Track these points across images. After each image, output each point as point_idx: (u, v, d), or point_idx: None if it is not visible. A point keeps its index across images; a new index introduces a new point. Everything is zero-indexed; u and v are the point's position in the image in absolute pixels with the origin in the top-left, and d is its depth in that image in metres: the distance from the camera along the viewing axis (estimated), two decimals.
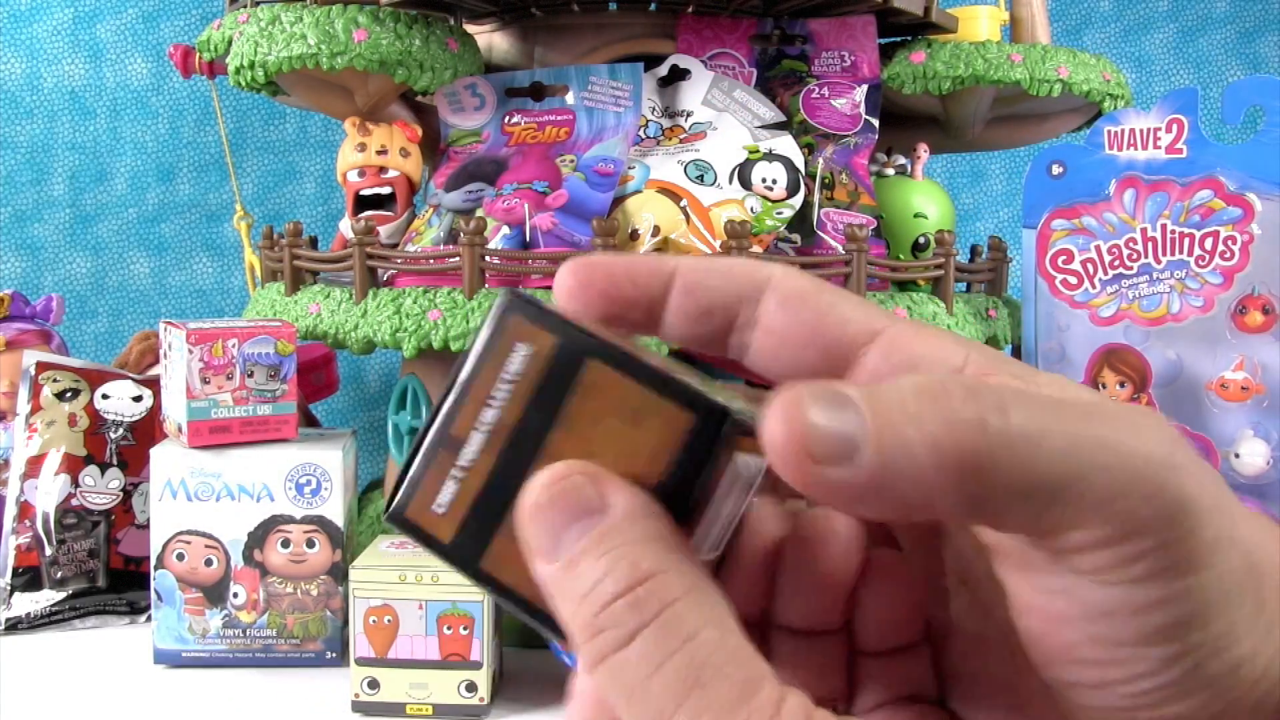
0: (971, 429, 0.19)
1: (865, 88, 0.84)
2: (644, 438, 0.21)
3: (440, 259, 0.74)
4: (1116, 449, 0.19)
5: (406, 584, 0.63)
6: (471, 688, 0.64)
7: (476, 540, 0.22)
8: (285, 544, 0.71)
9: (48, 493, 0.79)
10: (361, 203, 0.81)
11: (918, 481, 0.19)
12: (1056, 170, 0.81)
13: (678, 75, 0.84)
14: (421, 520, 0.22)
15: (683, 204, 0.75)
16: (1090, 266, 0.81)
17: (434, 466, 0.22)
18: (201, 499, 0.71)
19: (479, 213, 0.76)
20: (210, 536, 0.71)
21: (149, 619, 0.73)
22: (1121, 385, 0.80)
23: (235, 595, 0.71)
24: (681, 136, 0.81)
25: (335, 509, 0.71)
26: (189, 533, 0.71)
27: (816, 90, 0.85)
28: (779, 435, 0.19)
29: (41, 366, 0.82)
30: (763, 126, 0.81)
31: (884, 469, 0.19)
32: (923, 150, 0.85)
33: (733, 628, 0.20)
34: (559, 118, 0.82)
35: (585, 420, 0.22)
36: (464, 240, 0.72)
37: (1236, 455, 0.78)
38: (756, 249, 0.74)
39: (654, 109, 0.83)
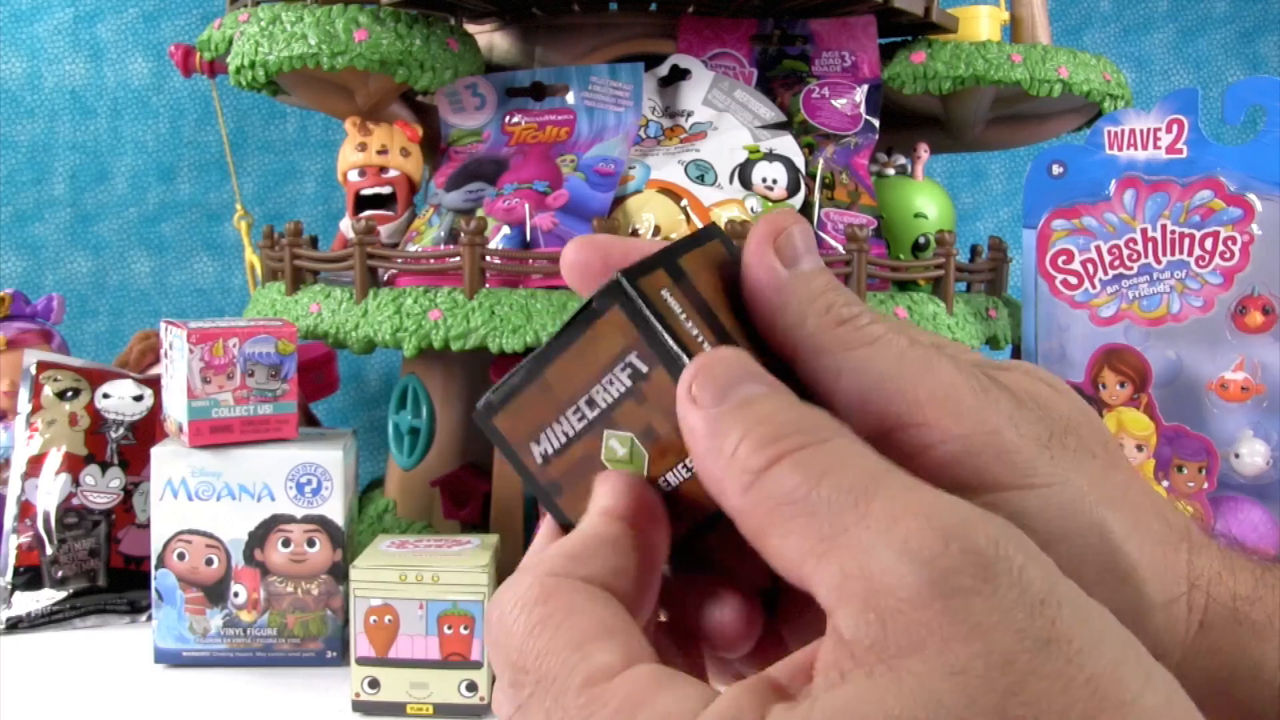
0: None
1: (866, 88, 0.85)
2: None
3: (441, 259, 0.74)
4: None
5: (407, 584, 0.63)
6: (472, 687, 0.64)
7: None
8: (286, 543, 0.71)
9: (48, 492, 0.79)
10: (362, 202, 0.81)
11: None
12: (1057, 170, 0.81)
13: (678, 75, 0.84)
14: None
15: (683, 204, 0.75)
16: (1090, 266, 0.81)
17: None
18: (202, 498, 0.71)
19: (479, 212, 0.76)
20: (211, 536, 0.71)
21: (149, 618, 0.73)
22: (1121, 385, 0.80)
23: (236, 595, 0.71)
24: (682, 136, 0.81)
25: (336, 508, 0.71)
26: (190, 532, 0.71)
27: (817, 90, 0.85)
28: (766, 227, 0.26)
29: (42, 366, 0.82)
30: (763, 126, 0.81)
31: (803, 278, 0.25)
32: (923, 150, 0.85)
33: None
34: (559, 118, 0.82)
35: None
36: (464, 240, 0.72)
37: (1236, 455, 0.78)
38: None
39: (654, 109, 0.83)
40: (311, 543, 0.71)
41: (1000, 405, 0.25)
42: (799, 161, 0.79)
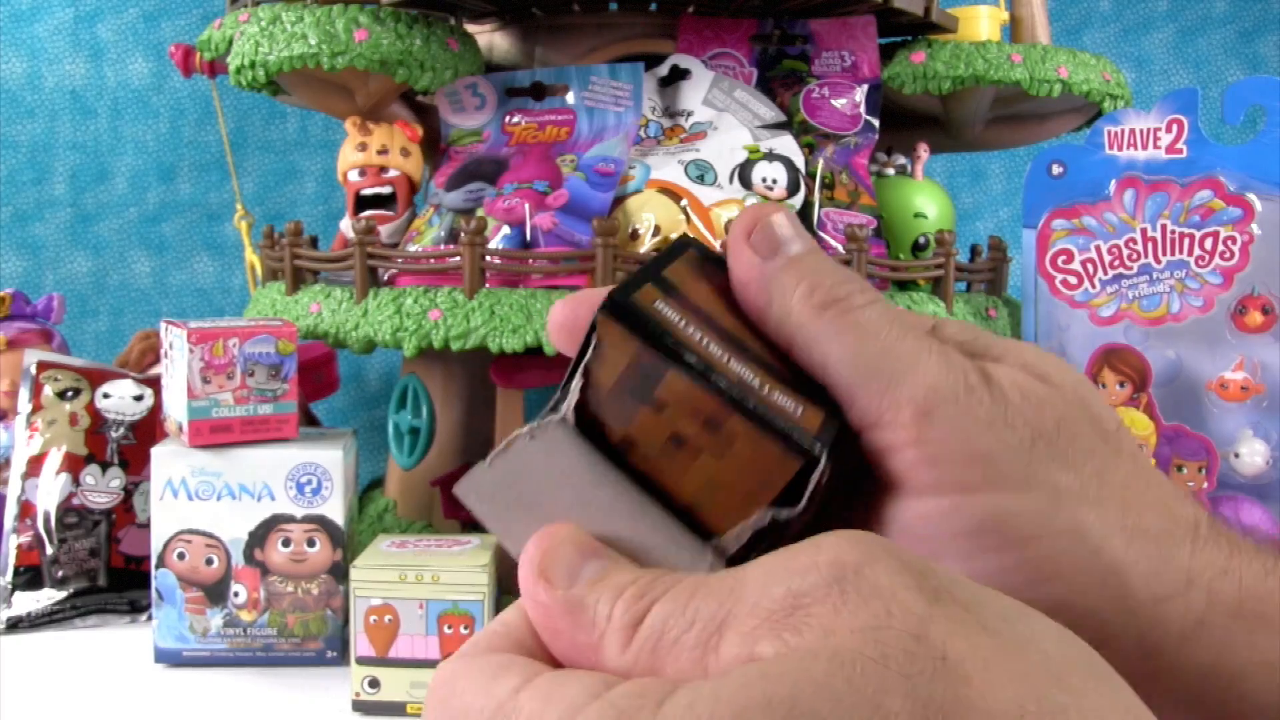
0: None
1: (865, 87, 0.85)
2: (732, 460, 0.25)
3: (441, 259, 0.74)
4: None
5: (407, 583, 0.63)
6: None
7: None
8: (286, 543, 0.71)
9: (49, 492, 0.79)
10: (362, 202, 0.81)
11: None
12: (1056, 170, 0.81)
13: (678, 75, 0.84)
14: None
15: (683, 204, 0.75)
16: (1090, 266, 0.81)
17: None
18: (202, 498, 0.71)
19: (479, 212, 0.76)
20: (211, 536, 0.71)
21: (150, 618, 0.73)
22: (1121, 385, 0.80)
23: (236, 594, 0.71)
24: (682, 136, 0.81)
25: (336, 508, 0.71)
26: (190, 532, 0.71)
27: (817, 90, 0.85)
28: (741, 223, 0.26)
29: (42, 366, 0.82)
30: (763, 126, 0.81)
31: (789, 265, 0.26)
32: (923, 150, 0.85)
33: None
34: (559, 117, 0.82)
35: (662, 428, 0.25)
36: (464, 240, 0.72)
37: (1236, 455, 0.78)
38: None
39: (654, 109, 0.83)
40: (311, 542, 0.71)
41: (982, 408, 0.25)
42: (799, 161, 0.79)
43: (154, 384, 0.83)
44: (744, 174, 0.78)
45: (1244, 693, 0.25)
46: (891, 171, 0.86)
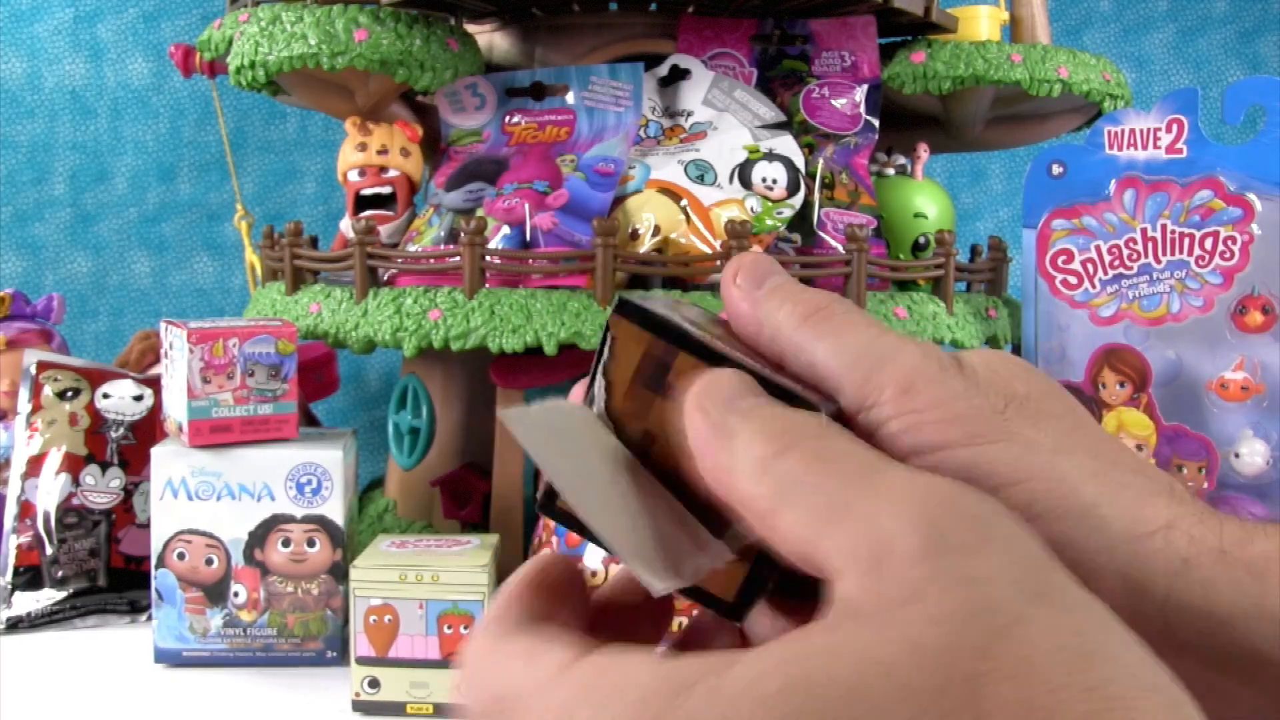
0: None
1: (865, 87, 0.85)
2: None
3: (441, 259, 0.74)
4: None
5: (407, 583, 0.63)
6: None
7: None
8: (286, 543, 0.71)
9: (48, 492, 0.79)
10: (362, 202, 0.81)
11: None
12: (1056, 170, 0.81)
13: (678, 75, 0.84)
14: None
15: (683, 204, 0.75)
16: (1090, 266, 0.81)
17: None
18: (202, 498, 0.71)
19: (479, 212, 0.76)
20: (211, 536, 0.71)
21: (149, 618, 0.73)
22: (1121, 385, 0.80)
23: (236, 594, 0.71)
24: (682, 136, 0.81)
25: (336, 508, 0.71)
26: (190, 532, 0.71)
27: (817, 90, 0.85)
28: (732, 266, 0.29)
29: (42, 366, 0.82)
30: (763, 126, 0.81)
31: (777, 289, 0.28)
32: (923, 150, 0.85)
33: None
34: (559, 117, 0.82)
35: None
36: (464, 240, 0.72)
37: (1236, 455, 0.78)
38: (757, 248, 0.74)
39: (654, 109, 0.83)
40: (311, 543, 0.71)
41: (957, 381, 0.27)
42: (799, 161, 0.79)
43: (154, 384, 0.83)
44: (744, 174, 0.78)
45: (1234, 637, 0.25)
46: (891, 171, 0.86)
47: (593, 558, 0.64)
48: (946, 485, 0.22)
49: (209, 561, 0.71)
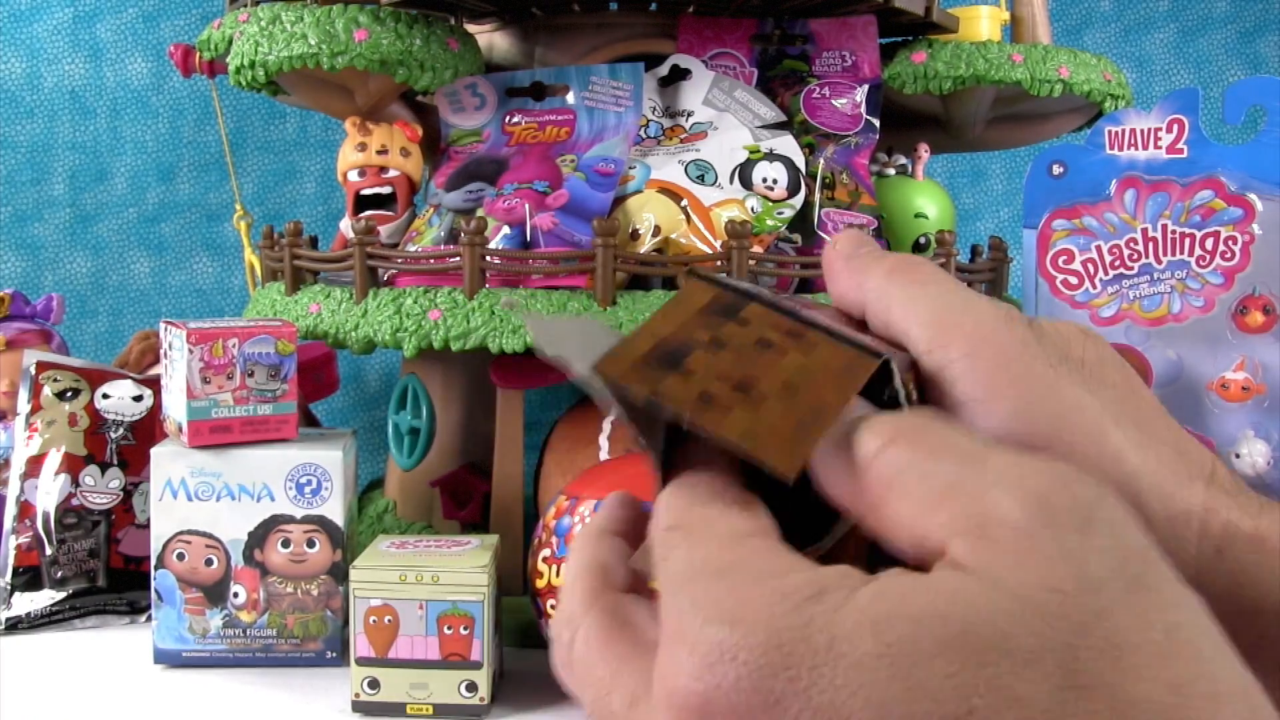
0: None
1: (866, 87, 0.84)
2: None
3: (441, 259, 0.74)
4: None
5: (406, 584, 0.63)
6: (472, 688, 0.64)
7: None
8: (285, 544, 0.71)
9: (48, 492, 0.79)
10: (362, 202, 0.81)
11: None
12: (1057, 170, 0.81)
13: (678, 75, 0.84)
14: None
15: (683, 204, 0.75)
16: (1091, 267, 0.81)
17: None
18: (202, 499, 0.71)
19: (479, 212, 0.76)
20: (210, 536, 0.71)
21: (149, 619, 0.73)
22: None
23: (235, 595, 0.71)
24: (682, 136, 0.81)
25: (335, 509, 0.71)
26: (189, 532, 0.71)
27: (817, 90, 0.85)
28: (836, 237, 0.32)
29: (42, 366, 0.82)
30: (763, 126, 0.81)
31: (870, 255, 0.31)
32: (923, 150, 0.85)
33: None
34: (559, 117, 0.82)
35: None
36: (465, 240, 0.72)
37: (1237, 455, 0.78)
38: (757, 249, 0.74)
39: (654, 109, 0.83)
40: (311, 543, 0.71)
41: (1021, 329, 0.28)
42: (799, 161, 0.79)
43: (153, 384, 0.83)
44: (744, 174, 0.78)
45: (1264, 625, 0.26)
46: (892, 171, 0.86)
47: None
48: (1053, 467, 0.23)
49: (209, 562, 0.71)
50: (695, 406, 0.25)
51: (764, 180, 0.78)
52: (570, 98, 0.82)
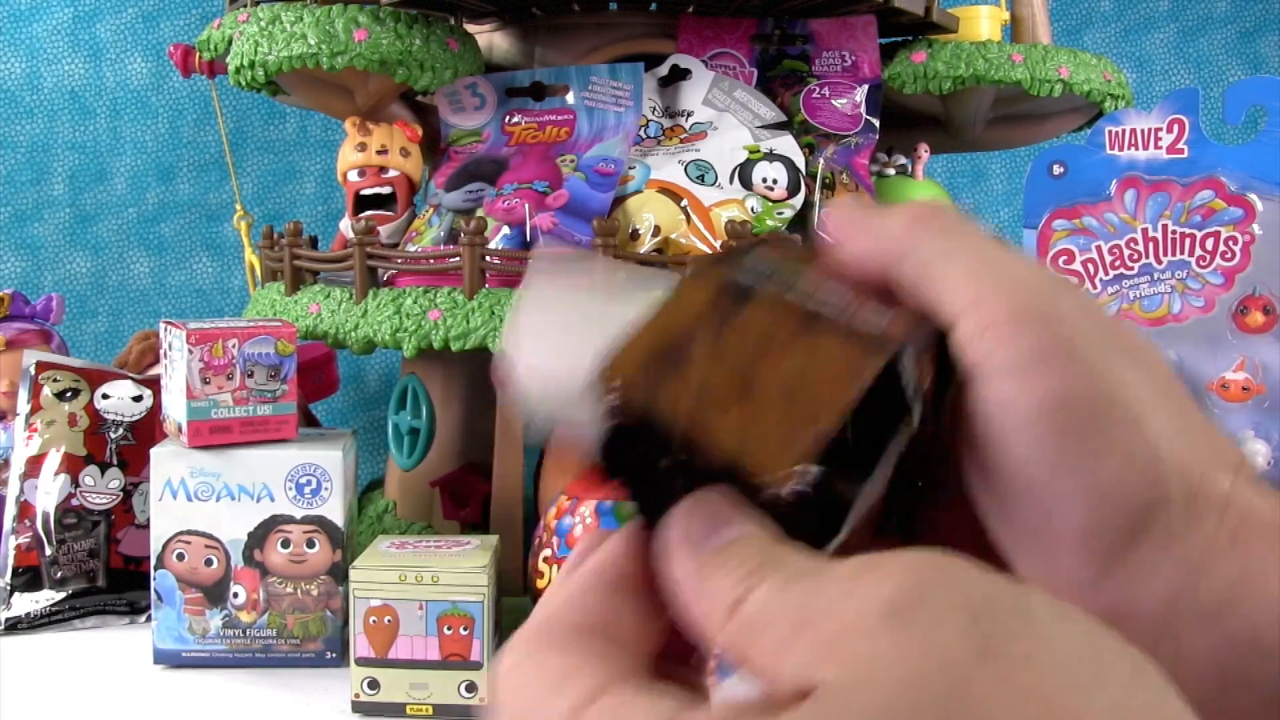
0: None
1: (866, 88, 0.84)
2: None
3: (441, 259, 0.74)
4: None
5: (406, 584, 0.63)
6: (471, 688, 0.64)
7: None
8: (285, 544, 0.71)
9: (48, 492, 0.79)
10: (362, 202, 0.81)
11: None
12: (1057, 170, 0.81)
13: (678, 75, 0.84)
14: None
15: (683, 204, 0.75)
16: (1091, 267, 0.81)
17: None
18: (201, 499, 0.71)
19: (479, 212, 0.76)
20: (210, 536, 0.71)
21: (149, 619, 0.73)
22: None
23: (235, 595, 0.71)
24: (682, 136, 0.81)
25: (335, 509, 0.71)
26: (189, 533, 0.71)
27: (817, 90, 0.85)
28: (836, 205, 0.28)
29: (41, 366, 0.82)
30: (763, 126, 0.81)
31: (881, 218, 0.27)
32: (923, 150, 0.85)
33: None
34: (559, 118, 0.82)
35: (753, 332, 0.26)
36: (464, 240, 0.72)
37: None
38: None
39: (654, 109, 0.83)
40: (311, 543, 0.71)
41: (1066, 299, 0.26)
42: (799, 161, 0.79)
43: (153, 385, 0.83)
44: (744, 174, 0.78)
45: (1260, 628, 0.25)
46: (892, 171, 0.86)
47: None
48: (894, 559, 0.21)
49: (208, 562, 0.71)
50: (691, 415, 0.24)
51: (764, 180, 0.77)
52: (570, 98, 0.82)
